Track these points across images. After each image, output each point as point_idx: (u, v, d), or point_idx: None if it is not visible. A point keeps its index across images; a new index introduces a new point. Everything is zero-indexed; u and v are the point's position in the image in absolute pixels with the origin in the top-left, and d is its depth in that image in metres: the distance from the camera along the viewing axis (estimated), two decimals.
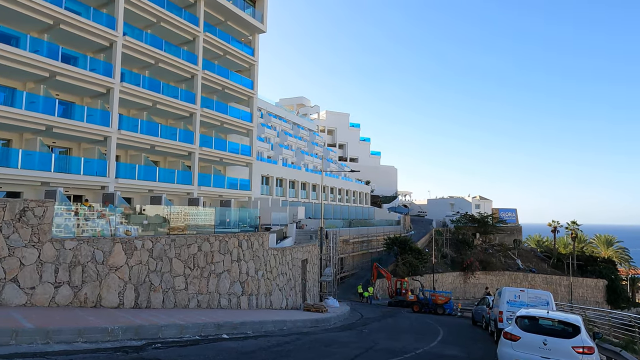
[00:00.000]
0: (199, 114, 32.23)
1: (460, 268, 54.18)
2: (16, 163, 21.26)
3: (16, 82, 23.72)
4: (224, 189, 34.60)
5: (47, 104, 22.96)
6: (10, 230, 10.52)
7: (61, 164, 23.56)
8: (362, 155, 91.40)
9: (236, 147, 36.49)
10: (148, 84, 28.87)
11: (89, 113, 25.04)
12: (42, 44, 23.22)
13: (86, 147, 26.85)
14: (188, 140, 31.27)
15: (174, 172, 30.49)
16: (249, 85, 37.72)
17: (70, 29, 24.02)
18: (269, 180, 45.71)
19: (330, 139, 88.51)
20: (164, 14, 29.22)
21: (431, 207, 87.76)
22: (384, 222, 58.83)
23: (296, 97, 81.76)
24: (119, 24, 26.23)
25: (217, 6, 33.97)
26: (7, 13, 21.64)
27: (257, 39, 38.93)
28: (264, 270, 20.03)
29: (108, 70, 25.87)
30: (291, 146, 58.61)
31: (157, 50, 28.76)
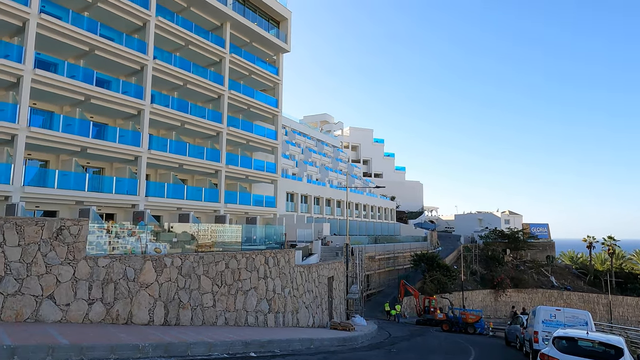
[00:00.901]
0: (225, 132, 32.90)
1: (491, 285, 52.54)
2: (53, 183, 22.16)
3: (54, 106, 24.89)
4: (250, 206, 34.95)
5: (82, 126, 23.95)
6: (48, 248, 10.91)
7: (94, 184, 24.38)
8: (386, 171, 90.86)
9: (261, 164, 36.95)
10: (177, 104, 29.76)
11: (121, 134, 25.94)
12: (79, 69, 24.36)
13: (118, 167, 27.74)
14: (215, 158, 31.89)
15: (201, 190, 31.06)
16: (273, 103, 38.34)
17: (104, 54, 25.15)
18: (294, 197, 45.91)
19: (354, 155, 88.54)
20: (192, 37, 30.26)
21: (458, 223, 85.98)
22: (410, 238, 57.93)
23: (320, 114, 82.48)
24: (150, 48, 27.29)
25: (242, 28, 34.94)
26: (48, 42, 22.87)
27: (281, 59, 39.70)
28: (290, 287, 19.97)
29: (139, 93, 26.84)
30: (315, 163, 58.89)
31: (186, 72, 29.69)
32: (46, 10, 22.68)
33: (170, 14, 29.51)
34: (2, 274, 10.13)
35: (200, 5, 31.28)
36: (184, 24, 30.21)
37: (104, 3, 25.14)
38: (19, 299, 10.28)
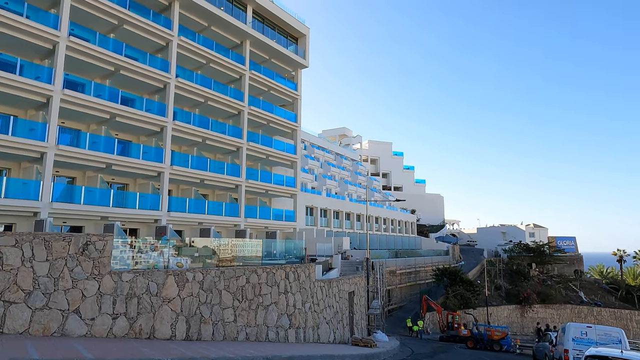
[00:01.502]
0: (245, 148, 33.31)
1: (517, 301, 51.00)
2: (79, 199, 22.77)
3: (81, 124, 25.71)
4: (270, 220, 35.08)
5: (107, 144, 24.65)
6: (74, 263, 11.14)
7: (119, 199, 24.95)
8: (406, 184, 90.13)
9: (281, 179, 37.17)
10: (198, 121, 30.36)
11: (144, 150, 26.56)
12: (105, 88, 25.19)
13: (141, 183, 28.32)
14: (235, 173, 32.25)
15: (221, 205, 31.38)
16: (292, 118, 38.70)
17: (128, 73, 25.96)
18: (314, 211, 45.89)
19: (373, 169, 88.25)
20: (213, 55, 30.98)
21: (481, 236, 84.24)
22: (432, 252, 56.98)
23: (338, 127, 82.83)
24: (172, 67, 28.04)
25: (261, 45, 35.61)
26: (77, 63, 23.76)
27: (299, 74, 40.18)
28: (310, 302, 19.82)
29: (162, 110, 27.51)
30: (334, 176, 58.90)
31: (207, 90, 30.34)
32: (75, 33, 23.64)
33: (192, 34, 30.33)
34: (31, 289, 10.38)
35: (221, 24, 32.07)
36: (205, 43, 30.98)
37: (129, 25, 26.04)
38: (46, 313, 10.49)
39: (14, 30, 20.93)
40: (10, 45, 21.73)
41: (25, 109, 23.10)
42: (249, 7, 34.38)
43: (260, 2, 34.62)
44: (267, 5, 35.41)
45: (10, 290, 10.11)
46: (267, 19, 36.69)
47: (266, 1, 35.29)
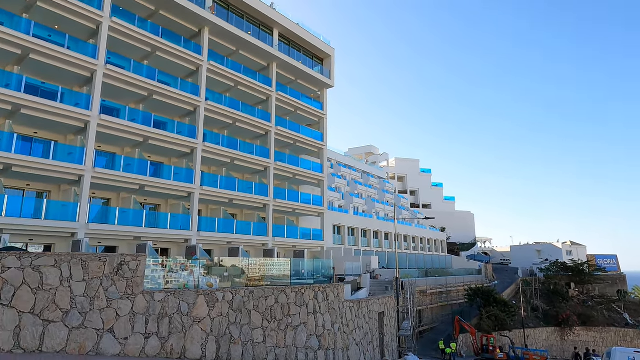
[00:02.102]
0: (273, 167, 33.70)
1: (555, 323, 48.58)
2: (114, 220, 23.50)
3: (116, 148, 26.73)
4: (297, 239, 35.09)
5: (140, 166, 25.47)
6: (109, 282, 11.44)
7: (151, 219, 25.58)
8: (435, 202, 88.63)
9: (308, 197, 37.27)
10: (227, 142, 31.01)
11: (175, 172, 27.28)
12: (138, 113, 26.19)
13: (173, 203, 29.00)
14: (263, 193, 32.59)
15: (250, 224, 31.66)
16: (318, 137, 39.00)
17: (161, 98, 26.93)
18: (341, 230, 45.64)
19: (400, 186, 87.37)
20: (241, 78, 31.81)
21: (515, 255, 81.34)
22: (464, 272, 55.35)
23: (365, 146, 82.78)
24: (202, 90, 28.92)
25: (288, 67, 36.33)
26: (113, 90, 24.87)
27: (325, 94, 40.64)
28: (340, 323, 19.53)
29: (192, 132, 28.30)
30: (362, 195, 58.60)
31: (235, 112, 31.06)
32: (111, 61, 24.83)
33: (220, 58, 31.31)
34: (68, 308, 10.69)
35: (248, 48, 32.99)
36: (233, 67, 31.89)
37: (162, 52, 27.15)
38: (82, 332, 10.75)
39: (56, 60, 22.18)
40: (53, 74, 23.01)
41: (65, 134, 24.24)
42: (275, 30, 35.28)
43: (286, 25, 35.48)
44: (293, 28, 36.24)
45: (49, 310, 10.44)
46: (293, 41, 37.51)
47: (292, 24, 36.14)
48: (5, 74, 21.31)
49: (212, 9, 29.92)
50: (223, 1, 31.46)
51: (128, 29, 25.08)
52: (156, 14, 27.79)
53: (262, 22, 34.29)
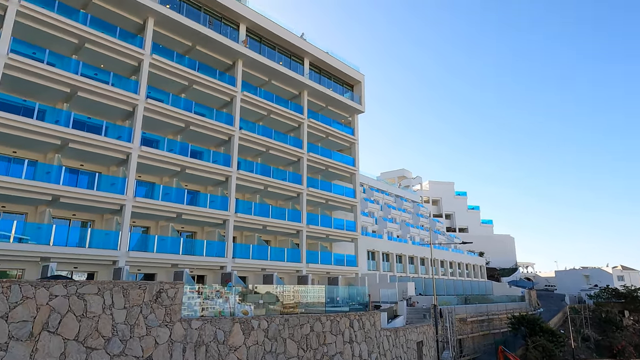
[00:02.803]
0: (305, 193, 33.90)
1: (609, 354, 45.21)
2: (152, 247, 24.16)
3: (155, 177, 27.74)
4: (331, 265, 34.78)
5: (178, 194, 26.26)
6: (149, 310, 11.66)
7: (187, 247, 26.13)
8: (471, 225, 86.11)
9: (341, 223, 37.09)
10: (260, 169, 31.59)
11: (211, 200, 27.92)
12: (176, 143, 27.21)
13: (208, 230, 29.56)
14: (296, 219, 32.73)
15: (283, 251, 31.73)
16: (350, 162, 39.09)
17: (197, 129, 27.93)
18: (375, 255, 44.93)
19: (435, 210, 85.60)
20: (273, 107, 32.62)
21: (560, 280, 77.16)
22: (505, 298, 52.87)
23: (397, 169, 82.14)
24: (236, 120, 29.81)
25: (318, 94, 36.99)
26: (152, 122, 26.05)
27: (356, 119, 40.93)
28: (377, 353, 18.98)
29: (227, 161, 29.04)
30: (395, 219, 57.76)
31: (268, 139, 31.74)
32: (151, 96, 26.12)
33: (253, 88, 32.31)
34: (110, 335, 10.94)
35: (280, 77, 33.92)
36: (266, 96, 32.80)
37: (198, 85, 28.34)
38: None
39: (101, 96, 23.57)
40: (98, 109, 24.41)
41: (108, 165, 25.44)
42: (306, 59, 36.18)
43: (316, 55, 36.34)
44: (323, 56, 37.06)
45: (92, 337, 10.71)
46: (323, 69, 38.27)
47: (322, 53, 36.99)
48: (56, 111, 22.79)
49: (245, 42, 31.14)
50: (255, 34, 32.70)
51: (167, 64, 26.42)
52: (193, 50, 29.18)
53: (292, 52, 35.31)
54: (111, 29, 24.69)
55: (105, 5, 24.77)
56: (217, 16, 30.04)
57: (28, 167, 20.74)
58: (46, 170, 21.58)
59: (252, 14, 31.33)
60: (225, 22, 30.57)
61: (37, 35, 22.32)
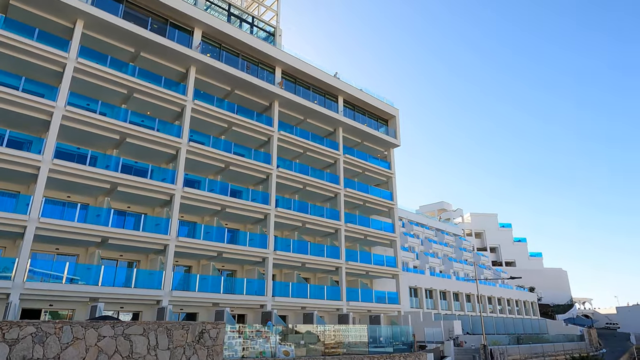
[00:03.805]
0: (343, 229, 33.66)
1: None
2: (194, 287, 24.51)
3: (196, 217, 28.51)
4: (372, 303, 33.82)
5: (218, 233, 26.78)
6: (191, 351, 11.70)
7: (228, 285, 26.30)
8: (519, 258, 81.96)
9: (381, 258, 36.34)
10: (298, 206, 31.83)
11: (250, 238, 28.26)
12: (216, 183, 28.05)
13: (248, 269, 29.74)
14: (335, 255, 32.40)
15: (323, 288, 31.27)
16: (388, 197, 38.70)
17: (237, 168, 28.75)
18: (418, 292, 43.40)
19: (479, 243, 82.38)
20: (309, 144, 33.22)
21: (623, 317, 71.15)
22: (562, 337, 49.12)
23: (436, 202, 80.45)
24: (274, 159, 30.50)
25: (353, 130, 37.40)
26: (194, 164, 27.10)
27: (392, 153, 40.84)
28: None
29: (265, 199, 29.51)
30: (437, 254, 55.97)
31: (305, 176, 32.13)
32: (193, 139, 27.33)
33: (289, 127, 33.15)
34: None
35: (315, 115, 34.69)
36: (302, 134, 33.52)
37: (237, 126, 29.43)
38: None
39: (148, 142, 24.90)
40: (145, 154, 25.73)
41: (153, 206, 26.47)
42: (340, 97, 36.93)
43: (350, 92, 37.05)
44: (357, 93, 37.71)
45: None
46: (358, 105, 38.84)
47: (355, 90, 37.67)
48: (106, 157, 24.22)
49: (281, 84, 32.30)
50: (290, 76, 33.89)
51: (208, 109, 27.71)
52: (232, 93, 30.54)
53: (327, 91, 36.20)
54: (157, 78, 26.39)
55: (151, 57, 26.60)
56: (253, 61, 31.50)
57: (80, 210, 21.92)
58: (96, 213, 22.71)
59: (286, 57, 32.62)
60: (262, 67, 31.96)
61: (91, 87, 24.15)
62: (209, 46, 29.02)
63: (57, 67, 22.60)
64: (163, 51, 26.37)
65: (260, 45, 30.95)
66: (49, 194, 22.32)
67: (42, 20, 23.04)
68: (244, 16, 34.69)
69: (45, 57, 22.09)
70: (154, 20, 26.62)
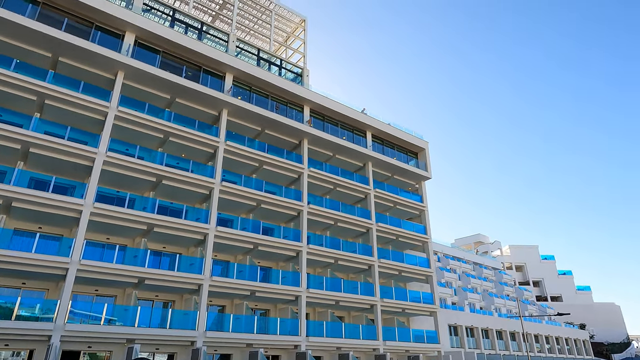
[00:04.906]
0: (377, 265, 32.96)
1: None
2: (228, 327, 24.34)
3: (229, 256, 28.71)
4: (410, 342, 32.44)
5: (251, 272, 26.79)
6: None
7: (261, 325, 25.97)
8: (565, 293, 77.29)
9: (417, 295, 35.13)
10: (329, 242, 31.57)
11: (283, 275, 28.08)
12: (248, 222, 28.34)
13: (281, 307, 29.36)
14: (369, 292, 31.61)
15: (358, 327, 30.36)
16: (421, 230, 37.86)
17: (268, 206, 29.04)
18: (458, 330, 41.37)
19: (520, 277, 78.50)
20: (339, 180, 33.31)
21: None
22: None
23: (472, 235, 77.91)
24: (304, 195, 30.67)
25: (383, 165, 37.33)
26: (226, 203, 27.61)
27: (423, 186, 40.28)
28: None
29: (297, 236, 29.48)
30: (476, 289, 53.63)
31: (336, 212, 32.01)
32: (225, 178, 27.98)
33: (319, 164, 33.47)
34: None
35: (344, 151, 34.96)
36: (331, 170, 33.73)
37: (268, 165, 29.99)
38: None
39: (182, 183, 25.69)
40: (179, 195, 26.49)
41: (188, 246, 26.91)
42: (368, 132, 37.19)
43: (378, 127, 37.27)
44: (385, 128, 37.89)
45: None
46: (386, 139, 38.92)
47: (383, 125, 37.88)
48: (143, 199, 25.08)
49: (310, 122, 32.96)
50: (318, 113, 34.57)
51: (239, 149, 28.49)
52: (262, 133, 31.35)
53: (355, 126, 36.58)
54: (191, 122, 27.53)
55: (186, 102, 27.88)
56: (282, 101, 32.44)
57: (119, 251, 22.57)
58: (134, 254, 23.29)
59: (314, 96, 33.43)
60: (291, 106, 32.83)
61: (130, 133, 25.41)
62: (239, 89, 30.20)
63: (99, 116, 24.01)
64: (197, 96, 27.62)
65: (288, 86, 31.94)
66: (90, 236, 23.13)
67: (86, 74, 24.75)
68: (272, 59, 36.13)
69: (89, 107, 23.57)
70: (188, 67, 28.10)
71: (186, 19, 31.74)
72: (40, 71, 22.89)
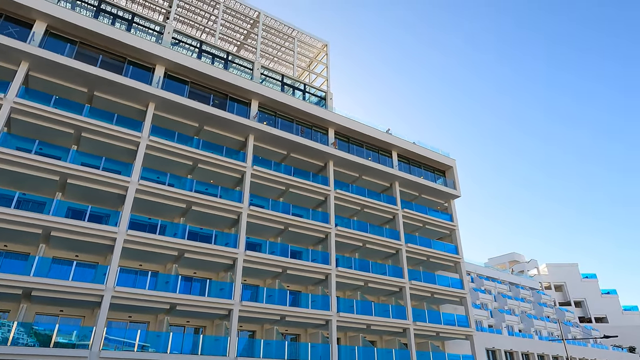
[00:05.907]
0: (408, 287, 32.18)
1: None
2: (259, 353, 24.12)
3: (258, 280, 28.70)
4: None
5: (281, 296, 26.62)
6: None
7: (292, 351, 25.59)
8: (610, 313, 72.89)
9: (451, 318, 33.95)
10: (358, 265, 31.13)
11: (312, 299, 27.77)
12: (277, 245, 28.38)
13: (311, 332, 28.91)
14: (401, 316, 30.79)
15: (391, 352, 29.46)
16: (452, 250, 36.87)
17: (296, 229, 29.05)
18: (496, 355, 39.55)
19: (560, 297, 74.76)
20: (366, 201, 33.07)
21: None
22: None
23: (507, 254, 75.16)
24: (331, 217, 30.55)
25: (410, 184, 36.89)
26: (254, 227, 27.80)
27: (452, 205, 39.45)
28: None
29: (325, 259, 29.24)
30: (514, 310, 51.39)
31: (364, 234, 31.66)
32: (253, 202, 28.27)
33: (345, 185, 33.40)
34: None
35: (370, 172, 34.81)
36: (358, 191, 33.57)
37: (295, 188, 30.16)
38: None
39: (211, 208, 26.11)
40: (209, 220, 26.89)
41: (217, 271, 27.10)
42: (394, 152, 36.99)
43: (404, 146, 37.04)
44: (411, 147, 37.61)
45: None
46: (412, 159, 38.57)
47: (409, 144, 37.63)
48: (174, 225, 25.58)
49: (335, 144, 33.12)
50: (343, 135, 34.73)
51: (266, 173, 28.84)
52: (288, 157, 31.68)
53: (380, 147, 36.49)
54: (218, 148, 28.15)
55: (213, 129, 28.61)
56: (307, 125, 32.81)
57: (151, 278, 22.96)
58: (165, 280, 23.64)
59: (338, 118, 33.67)
60: (315, 129, 33.15)
61: (160, 161, 26.19)
62: (265, 114, 30.79)
63: (132, 146, 24.91)
64: (224, 123, 28.31)
65: (312, 110, 32.34)
66: (123, 263, 23.66)
67: (119, 106, 25.86)
68: (296, 84, 36.80)
69: (123, 138, 24.51)
70: (215, 96, 28.96)
71: (213, 50, 32.90)
72: (77, 105, 24.09)
